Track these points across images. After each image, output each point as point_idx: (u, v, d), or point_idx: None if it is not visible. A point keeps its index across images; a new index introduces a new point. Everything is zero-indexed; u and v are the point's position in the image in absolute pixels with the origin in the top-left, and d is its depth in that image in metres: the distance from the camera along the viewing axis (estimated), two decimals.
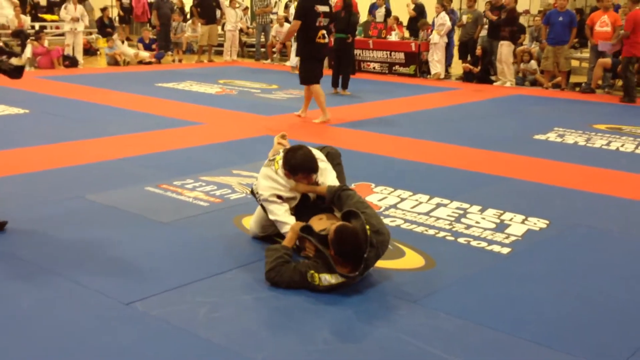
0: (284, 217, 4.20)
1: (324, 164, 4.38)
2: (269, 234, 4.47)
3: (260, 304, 3.63)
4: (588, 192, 6.07)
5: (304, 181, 4.27)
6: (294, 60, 15.46)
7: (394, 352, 3.16)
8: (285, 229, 4.15)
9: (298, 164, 4.21)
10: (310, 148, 4.37)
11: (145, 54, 16.70)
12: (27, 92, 11.34)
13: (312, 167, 4.25)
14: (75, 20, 15.70)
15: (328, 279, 3.72)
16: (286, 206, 4.25)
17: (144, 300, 3.58)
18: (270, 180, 4.29)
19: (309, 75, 9.21)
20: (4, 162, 6.52)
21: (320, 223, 4.09)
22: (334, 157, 4.56)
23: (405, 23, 17.78)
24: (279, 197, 4.25)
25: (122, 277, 3.92)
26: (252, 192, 4.55)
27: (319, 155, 4.41)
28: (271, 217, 4.25)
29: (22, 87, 11.88)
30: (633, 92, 12.14)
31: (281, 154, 4.36)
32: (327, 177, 4.35)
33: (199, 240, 4.56)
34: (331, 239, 3.72)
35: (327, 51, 9.91)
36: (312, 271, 3.74)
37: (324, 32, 9.08)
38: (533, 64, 14.46)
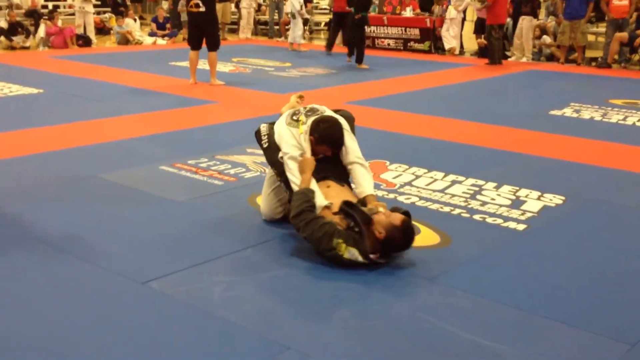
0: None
1: (348, 134, 4.28)
2: (279, 217, 4.43)
3: (276, 282, 3.64)
4: (604, 167, 6.02)
5: (321, 151, 4.20)
6: (296, 36, 15.34)
7: (411, 330, 3.16)
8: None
9: (328, 136, 4.16)
10: (337, 117, 4.30)
11: (162, 42, 16.67)
12: (41, 72, 11.37)
13: (339, 143, 4.20)
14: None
15: (356, 254, 3.71)
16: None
17: (160, 280, 3.59)
18: (295, 140, 4.18)
19: (188, 40, 10.35)
20: (18, 142, 6.55)
21: (330, 192, 4.04)
22: (348, 122, 4.42)
23: None
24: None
25: (137, 256, 3.94)
26: (256, 133, 4.51)
27: (345, 125, 4.30)
28: (289, 173, 4.11)
29: (36, 67, 11.92)
30: (497, 55, 13.30)
31: (304, 117, 4.26)
32: (352, 146, 4.25)
33: (214, 219, 4.56)
34: (395, 227, 3.70)
35: (198, 20, 9.92)
36: (340, 240, 3.70)
37: (197, 1, 9.76)
38: (546, 38, 14.30)
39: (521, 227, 4.49)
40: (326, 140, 4.17)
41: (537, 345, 3.05)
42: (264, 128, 4.48)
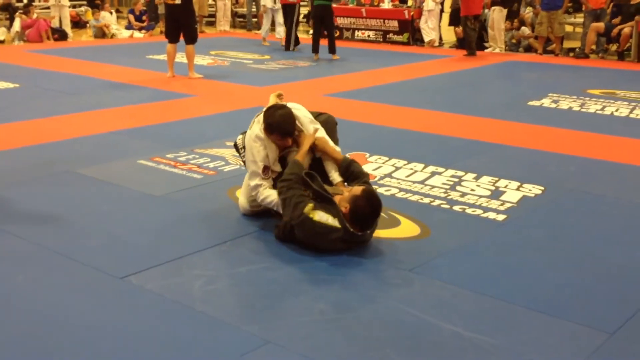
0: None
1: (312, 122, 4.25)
2: (259, 209, 4.36)
3: (255, 275, 3.62)
4: (583, 157, 6.05)
5: (279, 143, 4.13)
6: (264, 30, 15.21)
7: (390, 321, 3.15)
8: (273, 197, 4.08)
9: (275, 123, 4.05)
10: (296, 109, 4.22)
11: (139, 35, 16.53)
12: (17, 67, 11.23)
13: (288, 129, 4.07)
14: None
15: (326, 217, 3.74)
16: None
17: (139, 274, 3.56)
18: (259, 141, 4.11)
19: (165, 33, 10.19)
20: None
21: None
22: (329, 127, 4.40)
23: None
24: (265, 168, 4.13)
25: (116, 251, 3.90)
26: (235, 145, 4.56)
27: (306, 114, 4.25)
28: (260, 197, 4.15)
29: (12, 61, 11.77)
30: (473, 45, 13.29)
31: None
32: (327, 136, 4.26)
33: (193, 213, 4.53)
34: (356, 196, 3.76)
35: (175, 12, 9.77)
36: (310, 204, 3.76)
37: None
38: (524, 30, 14.36)
39: (501, 217, 4.51)
40: (274, 129, 4.06)
41: (517, 335, 3.06)
42: (239, 140, 4.50)
